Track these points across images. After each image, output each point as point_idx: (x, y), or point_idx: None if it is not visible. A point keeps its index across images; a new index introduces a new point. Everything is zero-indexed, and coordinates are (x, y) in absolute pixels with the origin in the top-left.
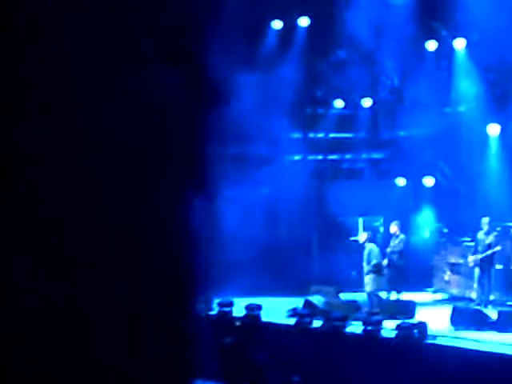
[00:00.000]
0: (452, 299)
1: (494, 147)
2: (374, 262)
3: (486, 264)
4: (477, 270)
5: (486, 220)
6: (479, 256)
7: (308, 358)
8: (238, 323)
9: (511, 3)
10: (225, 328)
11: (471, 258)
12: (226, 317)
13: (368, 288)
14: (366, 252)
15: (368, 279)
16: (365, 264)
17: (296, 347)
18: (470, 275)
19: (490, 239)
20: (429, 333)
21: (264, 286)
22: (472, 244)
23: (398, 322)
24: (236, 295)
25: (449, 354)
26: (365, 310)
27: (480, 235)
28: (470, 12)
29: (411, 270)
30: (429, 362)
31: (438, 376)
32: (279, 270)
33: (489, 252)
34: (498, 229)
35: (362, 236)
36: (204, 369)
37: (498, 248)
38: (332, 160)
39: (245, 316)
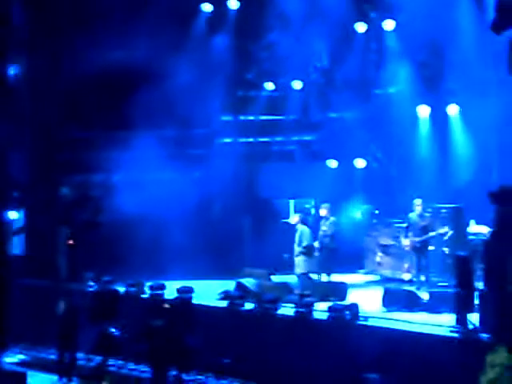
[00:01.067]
0: (383, 280)
1: (424, 129)
2: (304, 243)
3: (422, 247)
4: (413, 253)
5: (418, 201)
6: (416, 239)
7: (240, 341)
8: (166, 306)
9: None
10: (154, 311)
11: (406, 241)
12: (155, 300)
13: (298, 270)
14: (297, 234)
15: (299, 261)
16: (296, 246)
17: (228, 330)
18: (400, 256)
19: (426, 222)
20: (360, 314)
21: (196, 269)
22: (403, 225)
23: (330, 303)
24: (169, 278)
25: (380, 336)
26: (296, 292)
27: (413, 217)
28: None
29: (343, 251)
30: (360, 343)
31: (370, 357)
32: (211, 252)
33: (428, 236)
34: (429, 210)
35: (293, 218)
36: (131, 350)
37: (442, 230)
38: (263, 142)
39: (175, 299)
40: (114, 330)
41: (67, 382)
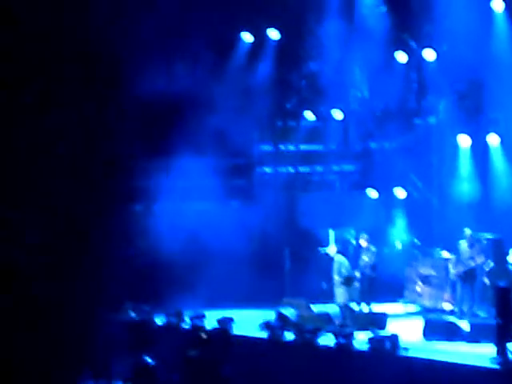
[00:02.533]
0: (423, 311)
1: (464, 158)
2: (344, 273)
3: (469, 276)
4: (458, 282)
5: (468, 231)
6: (462, 268)
7: (280, 371)
8: (203, 335)
9: (480, 14)
10: (190, 340)
11: (454, 270)
12: (192, 329)
13: (339, 299)
14: (336, 264)
15: (339, 291)
16: (335, 276)
17: (268, 360)
18: (441, 287)
19: (474, 251)
20: (401, 345)
21: (236, 299)
22: (443, 256)
23: (370, 334)
24: (209, 308)
25: (421, 366)
26: (337, 322)
27: (462, 246)
28: (439, 23)
29: (383, 281)
30: (401, 374)
31: None
32: (251, 282)
33: (472, 264)
34: (484, 241)
35: (331, 248)
36: (167, 381)
37: (479, 260)
38: (303, 172)
39: (212, 329)
40: (149, 359)
41: None
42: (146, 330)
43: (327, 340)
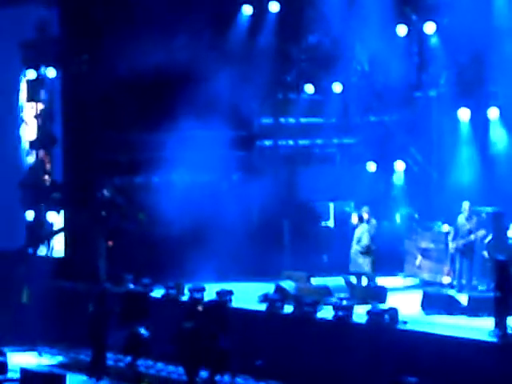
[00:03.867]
0: (423, 284)
1: (464, 132)
2: (364, 242)
3: (468, 250)
4: (457, 256)
5: (466, 204)
6: (461, 241)
7: (278, 344)
8: (200, 308)
9: None
10: (187, 313)
11: (453, 244)
12: (188, 302)
13: (358, 268)
14: (357, 233)
15: (359, 260)
16: (355, 244)
17: (266, 332)
18: (440, 260)
19: (472, 225)
20: (400, 318)
21: (236, 272)
22: (443, 229)
23: (369, 307)
24: (209, 281)
25: (419, 339)
26: (336, 295)
27: (460, 219)
28: None
29: (382, 255)
30: (400, 346)
31: (409, 361)
32: (251, 255)
33: (471, 237)
34: (483, 215)
35: (353, 217)
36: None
37: (480, 233)
38: (303, 145)
39: (209, 301)
40: (143, 330)
41: (96, 382)
42: (142, 301)
43: (326, 313)
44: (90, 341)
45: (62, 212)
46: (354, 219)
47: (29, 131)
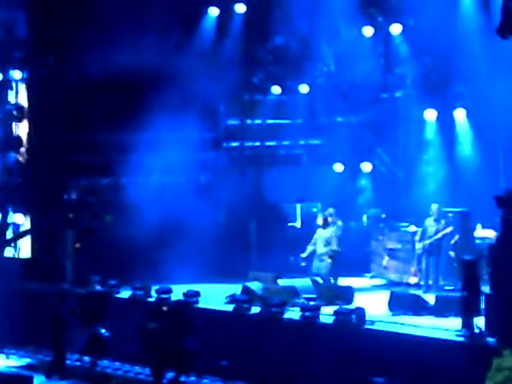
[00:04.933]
0: (390, 284)
1: (430, 132)
2: (334, 247)
3: (434, 250)
4: (423, 256)
5: (434, 206)
6: (428, 241)
7: (245, 344)
8: (164, 308)
9: None
10: (151, 313)
11: (420, 245)
12: (153, 303)
13: (322, 271)
14: (327, 234)
15: (322, 264)
16: (321, 246)
17: (234, 333)
18: (407, 260)
19: (440, 226)
20: (367, 318)
21: (203, 273)
22: (409, 230)
23: (336, 307)
24: (175, 282)
25: (386, 340)
26: (303, 295)
27: (428, 221)
28: None
29: (349, 255)
30: (367, 347)
31: (376, 361)
32: (218, 256)
33: (438, 235)
34: (450, 215)
35: (319, 219)
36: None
37: (448, 229)
38: (269, 146)
39: (173, 302)
40: (104, 331)
41: (58, 382)
42: (102, 302)
43: (293, 314)
44: (51, 341)
45: (29, 214)
46: (320, 221)
47: None
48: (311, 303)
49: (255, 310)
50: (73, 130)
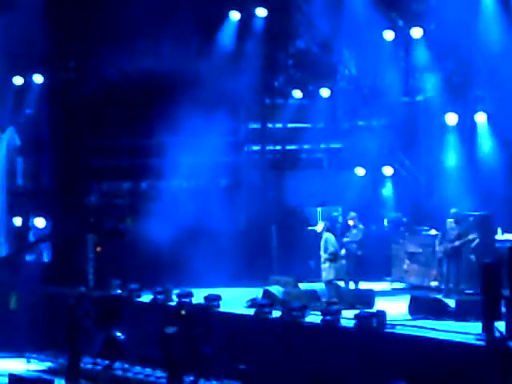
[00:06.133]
0: (410, 288)
1: (452, 136)
2: (330, 250)
3: (455, 253)
4: (444, 260)
5: (454, 210)
6: (448, 245)
7: (266, 348)
8: (183, 312)
9: None
10: (171, 318)
11: (441, 248)
12: (172, 306)
13: (325, 277)
14: (322, 241)
15: (325, 268)
16: (322, 253)
17: (255, 337)
18: (428, 264)
19: (461, 229)
20: (388, 322)
21: (225, 277)
22: (431, 233)
23: (357, 311)
24: (197, 286)
25: (407, 343)
26: (323, 299)
27: (449, 225)
28: (427, 1)
29: (370, 259)
30: (387, 350)
31: (397, 364)
32: (239, 260)
33: (459, 242)
34: (471, 218)
35: (319, 225)
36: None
37: (471, 236)
38: (291, 150)
39: (194, 306)
40: (119, 334)
41: None
42: (112, 305)
43: (314, 318)
44: (67, 345)
45: (50, 218)
46: (319, 227)
47: (16, 137)
48: (332, 307)
49: (276, 313)
50: (94, 135)
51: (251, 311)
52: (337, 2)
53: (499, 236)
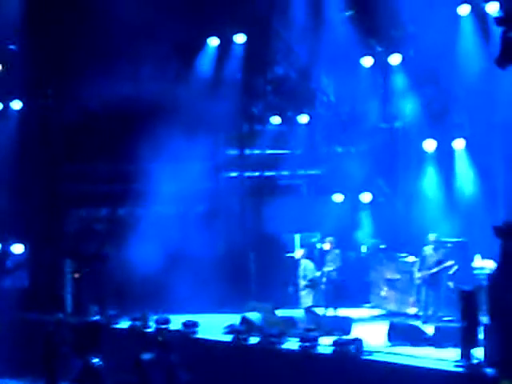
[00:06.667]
0: (389, 315)
1: (430, 163)
2: (309, 277)
3: (434, 280)
4: (422, 287)
5: (433, 236)
6: (427, 272)
7: (244, 375)
8: (160, 339)
9: (446, 19)
10: (147, 344)
11: (419, 274)
12: (152, 333)
13: (304, 303)
14: (301, 268)
15: (304, 295)
16: (301, 280)
17: (232, 364)
18: (406, 291)
19: (439, 256)
20: (365, 348)
21: (202, 303)
22: (409, 260)
23: (335, 338)
24: (175, 312)
25: (385, 370)
26: (301, 326)
27: (427, 250)
28: (405, 28)
29: (348, 285)
30: (365, 377)
31: None
32: (217, 286)
33: (437, 268)
34: (449, 245)
35: (297, 252)
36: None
37: (448, 263)
38: (269, 176)
39: (171, 332)
40: (96, 360)
41: None
42: (90, 331)
43: (292, 344)
44: (44, 371)
45: (28, 244)
46: (298, 254)
47: None
48: (309, 334)
49: (254, 340)
50: (72, 161)
51: (229, 337)
52: (315, 28)
53: (478, 262)
